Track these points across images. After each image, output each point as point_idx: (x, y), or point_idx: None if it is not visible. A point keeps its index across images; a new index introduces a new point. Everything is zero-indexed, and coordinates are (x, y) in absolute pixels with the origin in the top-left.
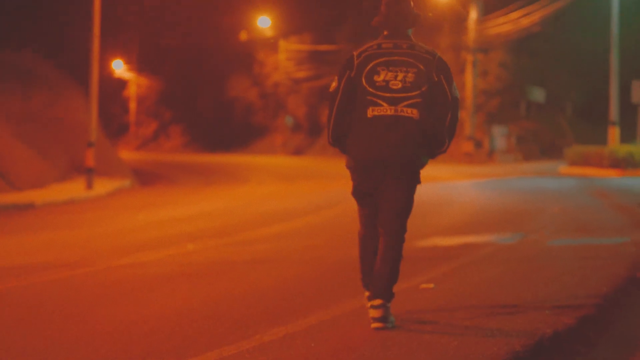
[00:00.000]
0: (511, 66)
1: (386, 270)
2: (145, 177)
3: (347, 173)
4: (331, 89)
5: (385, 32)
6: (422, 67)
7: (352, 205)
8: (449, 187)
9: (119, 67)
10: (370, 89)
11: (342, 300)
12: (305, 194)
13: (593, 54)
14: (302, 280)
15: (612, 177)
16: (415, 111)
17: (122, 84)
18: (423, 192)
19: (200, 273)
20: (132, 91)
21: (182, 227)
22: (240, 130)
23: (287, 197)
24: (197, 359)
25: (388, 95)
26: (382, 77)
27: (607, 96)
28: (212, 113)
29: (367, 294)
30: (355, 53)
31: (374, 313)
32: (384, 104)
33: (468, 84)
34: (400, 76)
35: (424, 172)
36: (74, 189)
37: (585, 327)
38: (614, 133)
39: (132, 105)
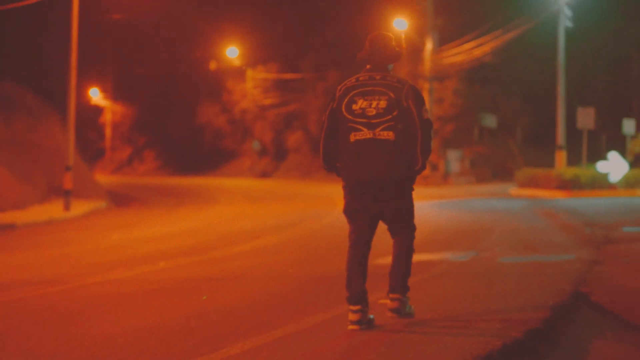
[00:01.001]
0: (465, 94)
1: (401, 270)
2: (120, 199)
3: (309, 194)
4: (322, 122)
5: (368, 66)
6: (392, 94)
7: (315, 224)
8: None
9: (96, 95)
10: (350, 117)
11: (307, 314)
12: (271, 214)
13: (541, 83)
14: (269, 296)
15: (560, 198)
16: (391, 133)
17: (98, 111)
18: None
19: (171, 290)
20: (107, 118)
21: (155, 246)
22: (210, 154)
23: (254, 217)
24: None
25: (365, 120)
26: (358, 105)
27: (554, 122)
28: (183, 138)
29: (350, 307)
30: (338, 87)
31: (391, 305)
32: (364, 129)
33: None
34: (374, 104)
35: None
36: (53, 210)
37: (534, 340)
38: (561, 156)
39: (108, 131)
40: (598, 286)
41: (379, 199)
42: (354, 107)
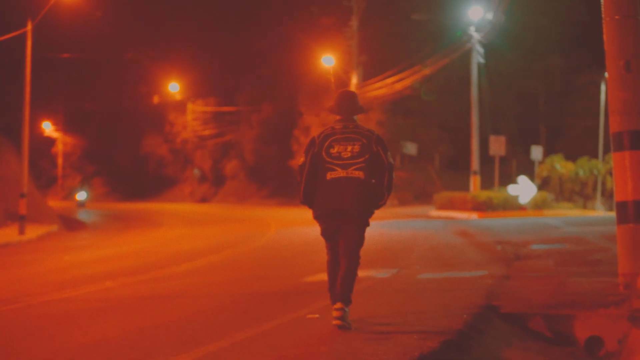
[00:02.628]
0: (387, 124)
1: (345, 286)
2: (71, 223)
3: (245, 218)
4: (300, 163)
5: (338, 118)
6: (364, 141)
7: (250, 245)
8: None
9: (48, 128)
10: (328, 159)
11: (240, 330)
12: (209, 236)
13: (457, 113)
14: (206, 313)
15: (474, 218)
16: (361, 173)
17: (50, 142)
18: (312, 233)
19: (116, 307)
20: (59, 148)
21: (102, 266)
22: (154, 181)
23: (194, 239)
24: None
25: (340, 162)
26: (335, 149)
27: (469, 149)
28: (129, 166)
29: (333, 306)
30: (315, 135)
31: (336, 314)
32: (338, 169)
33: None
34: (349, 148)
35: (308, 216)
36: (9, 234)
37: (449, 350)
38: (475, 181)
39: (60, 161)
40: (508, 299)
41: (342, 224)
42: (332, 150)
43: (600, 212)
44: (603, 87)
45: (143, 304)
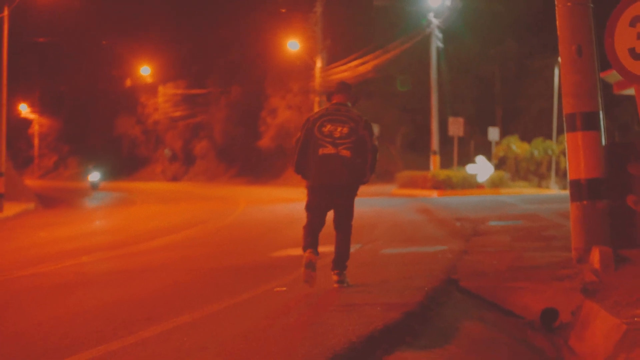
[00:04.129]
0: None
1: (343, 255)
2: (47, 201)
3: (215, 196)
4: (296, 138)
5: (334, 101)
6: (352, 124)
7: (220, 221)
8: (299, 207)
9: (24, 110)
10: (320, 136)
11: (212, 302)
12: (181, 213)
13: (417, 96)
14: (179, 286)
15: (434, 196)
16: (348, 152)
17: (27, 123)
18: (279, 211)
19: (93, 281)
20: (35, 129)
21: (79, 242)
22: (127, 160)
23: (167, 216)
24: (87, 353)
25: (331, 140)
26: (327, 128)
27: (429, 130)
28: (103, 147)
29: (305, 253)
30: (310, 115)
31: (335, 278)
32: (329, 146)
33: None
34: (339, 129)
35: (280, 194)
36: None
37: (410, 320)
38: (435, 160)
39: (36, 141)
40: (466, 273)
41: (335, 198)
42: (324, 129)
43: (554, 191)
44: (556, 71)
45: (119, 277)
